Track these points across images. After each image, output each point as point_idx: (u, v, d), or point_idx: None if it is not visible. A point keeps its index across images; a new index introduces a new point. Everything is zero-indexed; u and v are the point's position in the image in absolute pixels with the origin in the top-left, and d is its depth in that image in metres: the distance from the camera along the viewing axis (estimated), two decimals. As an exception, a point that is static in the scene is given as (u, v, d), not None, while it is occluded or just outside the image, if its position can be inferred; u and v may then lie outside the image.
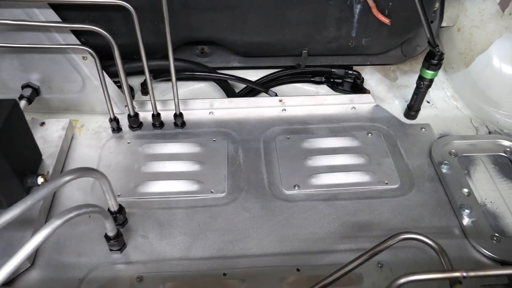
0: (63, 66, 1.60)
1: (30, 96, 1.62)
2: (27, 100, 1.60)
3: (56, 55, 1.57)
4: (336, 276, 1.12)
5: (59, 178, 1.11)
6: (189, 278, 1.27)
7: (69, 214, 1.08)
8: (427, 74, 1.59)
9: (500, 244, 1.35)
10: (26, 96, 1.61)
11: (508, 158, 1.62)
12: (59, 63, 1.59)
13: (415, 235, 1.13)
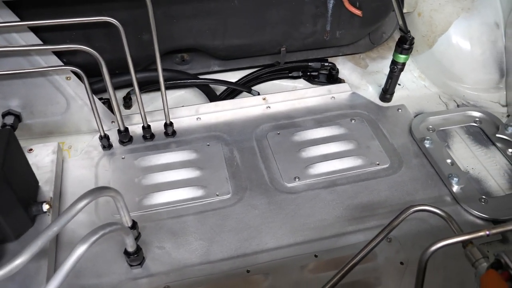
0: (46, 89, 1.57)
1: (13, 124, 1.57)
2: (11, 128, 1.55)
3: (38, 79, 1.53)
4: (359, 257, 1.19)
5: (78, 202, 1.11)
6: (214, 280, 1.30)
7: (95, 235, 1.08)
8: (400, 58, 1.71)
9: (488, 205, 1.49)
10: (9, 124, 1.56)
11: (479, 127, 1.78)
12: (41, 87, 1.56)
13: (424, 207, 1.23)
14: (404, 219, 1.24)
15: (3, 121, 1.56)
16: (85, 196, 1.13)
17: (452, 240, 0.99)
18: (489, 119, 1.79)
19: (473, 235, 1.00)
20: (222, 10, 1.54)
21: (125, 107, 1.85)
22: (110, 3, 1.41)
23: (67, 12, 1.42)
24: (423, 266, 1.02)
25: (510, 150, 1.68)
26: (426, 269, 1.03)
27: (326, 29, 1.71)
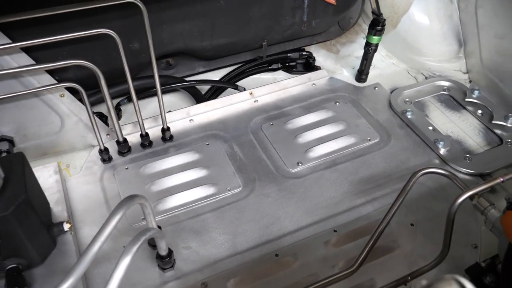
0: (39, 110, 1.53)
1: (8, 149, 1.51)
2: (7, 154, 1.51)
3: (31, 100, 1.50)
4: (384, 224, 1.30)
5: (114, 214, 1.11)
6: (247, 269, 1.35)
7: (137, 242, 1.10)
8: (373, 40, 1.84)
9: (472, 162, 1.65)
10: (5, 150, 1.51)
11: (449, 94, 1.95)
12: (34, 108, 1.52)
13: (430, 169, 1.36)
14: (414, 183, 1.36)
15: (-4, 148, 1.51)
16: (119, 207, 1.14)
17: (475, 190, 1.12)
18: (456, 86, 1.97)
19: (490, 183, 1.13)
20: (209, 11, 1.58)
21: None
22: (100, 15, 1.41)
23: (57, 28, 1.39)
24: (452, 218, 1.14)
25: (479, 111, 1.86)
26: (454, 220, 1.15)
27: (303, 20, 1.80)
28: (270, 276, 1.34)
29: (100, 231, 1.09)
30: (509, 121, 1.77)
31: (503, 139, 1.74)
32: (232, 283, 1.32)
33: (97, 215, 1.48)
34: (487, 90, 1.91)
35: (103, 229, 1.10)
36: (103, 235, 1.08)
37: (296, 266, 1.36)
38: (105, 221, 1.13)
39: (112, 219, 1.11)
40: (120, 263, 1.05)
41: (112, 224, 1.11)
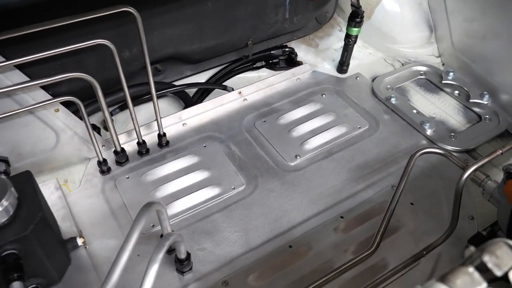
0: (34, 127, 1.50)
1: (6, 170, 1.48)
2: (5, 175, 1.47)
3: (25, 117, 1.46)
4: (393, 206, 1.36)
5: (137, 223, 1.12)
6: (264, 262, 1.39)
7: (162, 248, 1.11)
8: (353, 31, 1.91)
9: (457, 140, 1.76)
10: (2, 171, 1.47)
11: (426, 78, 2.06)
12: (29, 125, 1.49)
13: (427, 149, 1.45)
14: (414, 164, 1.43)
15: (-5, 170, 1.47)
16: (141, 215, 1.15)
17: (479, 164, 1.21)
18: (432, 70, 2.08)
19: (491, 156, 1.22)
20: (197, 14, 1.59)
21: (106, 129, 1.82)
22: (91, 26, 1.39)
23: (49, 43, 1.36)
24: (460, 192, 1.22)
25: (456, 92, 1.97)
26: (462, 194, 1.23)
27: (285, 17, 1.85)
28: (287, 267, 1.38)
29: (126, 241, 1.09)
30: (485, 99, 1.89)
31: (481, 116, 1.86)
32: (252, 278, 1.35)
33: (106, 227, 1.47)
34: (460, 71, 2.02)
35: (128, 239, 1.11)
36: (130, 244, 1.09)
37: (311, 254, 1.41)
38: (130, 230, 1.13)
39: (136, 228, 1.12)
40: (149, 271, 1.06)
41: (136, 233, 1.12)
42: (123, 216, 1.51)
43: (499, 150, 1.25)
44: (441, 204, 1.55)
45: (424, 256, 1.30)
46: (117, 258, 1.07)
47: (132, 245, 1.10)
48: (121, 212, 1.53)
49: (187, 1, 1.56)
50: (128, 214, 1.51)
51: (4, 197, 1.09)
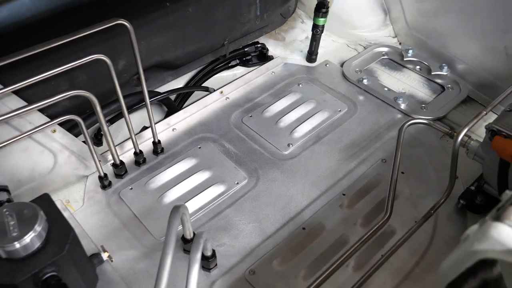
0: (32, 151, 1.47)
1: (9, 198, 1.44)
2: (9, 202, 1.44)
3: (23, 143, 1.43)
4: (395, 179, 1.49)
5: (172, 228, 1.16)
6: (283, 247, 1.47)
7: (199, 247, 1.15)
8: (320, 22, 2.02)
9: (428, 110, 1.92)
10: (5, 200, 1.43)
11: (389, 58, 2.22)
12: (27, 150, 1.46)
13: (413, 120, 1.60)
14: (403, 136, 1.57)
15: (-4, 200, 1.43)
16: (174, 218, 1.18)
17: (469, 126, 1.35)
18: (393, 50, 2.24)
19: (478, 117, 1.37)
20: (180, 20, 1.62)
21: (97, 144, 1.80)
22: (83, 42, 1.38)
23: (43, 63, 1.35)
24: (456, 153, 1.36)
25: (418, 67, 2.15)
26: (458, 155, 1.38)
27: (257, 14, 1.92)
28: (306, 248, 1.47)
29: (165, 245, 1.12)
30: (444, 70, 2.08)
31: (444, 86, 2.04)
32: (275, 264, 1.42)
33: (122, 240, 1.48)
34: (417, 48, 2.20)
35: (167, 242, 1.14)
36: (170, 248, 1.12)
37: (325, 233, 1.51)
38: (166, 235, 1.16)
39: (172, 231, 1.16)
40: (191, 271, 1.10)
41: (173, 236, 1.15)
42: (136, 227, 1.52)
43: (483, 111, 1.41)
44: (428, 170, 1.70)
45: (432, 215, 1.44)
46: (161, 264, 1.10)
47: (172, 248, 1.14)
48: (133, 223, 1.54)
49: (169, 8, 1.58)
50: (140, 224, 1.53)
51: (37, 222, 1.09)
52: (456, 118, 1.92)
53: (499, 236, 0.71)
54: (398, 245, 1.40)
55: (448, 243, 1.47)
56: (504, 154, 1.26)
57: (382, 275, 1.39)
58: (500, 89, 1.89)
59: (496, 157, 1.35)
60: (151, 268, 1.42)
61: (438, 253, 1.45)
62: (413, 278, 1.39)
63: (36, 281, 1.09)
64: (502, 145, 1.27)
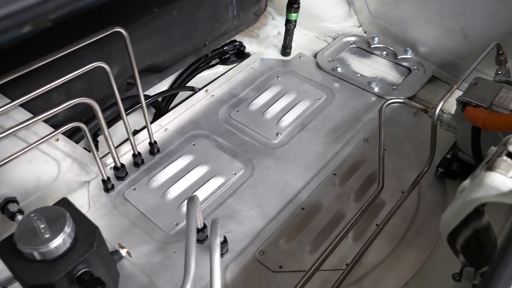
0: (37, 161, 1.52)
1: (20, 209, 1.48)
2: (20, 213, 1.47)
3: (29, 153, 1.47)
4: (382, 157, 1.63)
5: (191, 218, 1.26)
6: (287, 227, 1.58)
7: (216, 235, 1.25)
8: (292, 17, 2.14)
9: (399, 91, 2.09)
10: (16, 210, 1.47)
11: (357, 46, 2.38)
12: (33, 160, 1.50)
13: (392, 100, 1.75)
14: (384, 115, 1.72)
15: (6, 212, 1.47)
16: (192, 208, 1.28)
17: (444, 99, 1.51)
18: (360, 39, 2.40)
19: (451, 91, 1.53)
20: (166, 24, 1.69)
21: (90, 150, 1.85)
22: (80, 51, 1.43)
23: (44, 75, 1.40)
24: (435, 125, 1.52)
25: (384, 53, 2.32)
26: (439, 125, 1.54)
27: (234, 13, 2.02)
28: (308, 225, 1.59)
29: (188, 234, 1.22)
30: (409, 53, 2.25)
31: (410, 68, 2.22)
32: (282, 243, 1.54)
33: (133, 238, 1.55)
34: (382, 35, 2.37)
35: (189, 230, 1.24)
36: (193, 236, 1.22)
37: (322, 210, 1.63)
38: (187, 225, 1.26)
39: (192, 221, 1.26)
40: (213, 257, 1.19)
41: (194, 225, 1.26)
42: (145, 224, 1.60)
43: (454, 85, 1.58)
44: (406, 145, 1.86)
45: (419, 183, 1.60)
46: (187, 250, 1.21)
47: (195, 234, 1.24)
48: (142, 221, 1.61)
49: (157, 14, 1.66)
50: (148, 221, 1.60)
51: (66, 224, 1.16)
52: (424, 96, 2.10)
53: (492, 183, 0.85)
54: (391, 214, 1.55)
55: (432, 208, 1.64)
56: (476, 121, 1.43)
57: (379, 242, 1.53)
58: (460, 66, 2.09)
59: (468, 126, 1.52)
60: (167, 259, 1.50)
61: (425, 218, 1.61)
62: (406, 242, 1.54)
63: (70, 279, 1.15)
64: (474, 114, 1.44)
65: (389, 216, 1.55)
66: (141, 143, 1.84)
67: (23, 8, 1.13)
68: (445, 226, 1.03)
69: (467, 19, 1.99)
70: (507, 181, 0.84)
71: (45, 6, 1.19)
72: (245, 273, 1.47)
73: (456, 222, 0.98)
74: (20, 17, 1.15)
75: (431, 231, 1.56)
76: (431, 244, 1.53)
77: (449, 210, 1.00)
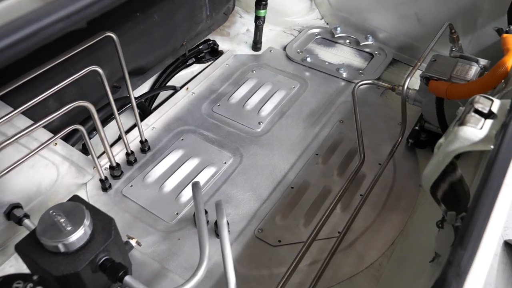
0: (38, 167, 1.57)
1: (26, 213, 1.54)
2: (26, 217, 1.53)
3: (30, 160, 1.53)
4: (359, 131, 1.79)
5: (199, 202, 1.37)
6: (280, 205, 1.71)
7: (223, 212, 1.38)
8: (261, 13, 2.28)
9: (365, 74, 2.27)
10: (22, 215, 1.53)
11: (322, 37, 2.54)
12: (35, 166, 1.56)
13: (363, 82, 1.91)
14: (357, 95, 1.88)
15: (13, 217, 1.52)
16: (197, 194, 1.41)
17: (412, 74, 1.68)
18: (324, 30, 2.57)
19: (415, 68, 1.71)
20: (149, 27, 1.78)
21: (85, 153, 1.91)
22: (75, 56, 1.50)
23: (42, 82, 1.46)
24: (405, 100, 1.69)
25: (347, 41, 2.50)
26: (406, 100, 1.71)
27: (207, 14, 2.13)
28: (299, 202, 1.73)
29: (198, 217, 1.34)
30: (370, 40, 2.44)
31: (372, 53, 2.41)
32: (278, 219, 1.67)
33: (137, 230, 1.64)
34: (343, 25, 2.55)
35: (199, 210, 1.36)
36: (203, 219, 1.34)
37: (310, 187, 1.78)
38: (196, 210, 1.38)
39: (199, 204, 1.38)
40: (223, 236, 1.31)
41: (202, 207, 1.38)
42: (147, 217, 1.69)
43: (418, 62, 1.77)
44: (377, 122, 2.04)
45: (395, 152, 1.77)
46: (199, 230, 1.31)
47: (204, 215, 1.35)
48: (143, 214, 1.70)
49: (140, 18, 1.75)
50: (150, 213, 1.69)
51: (85, 216, 1.24)
52: (388, 77, 2.29)
53: (465, 135, 1.02)
54: (373, 184, 1.71)
55: (407, 175, 1.81)
56: (439, 93, 1.61)
57: (365, 210, 1.69)
58: (417, 48, 2.30)
59: (432, 98, 1.70)
60: (173, 246, 1.60)
61: (402, 184, 1.78)
62: (389, 207, 1.71)
63: (93, 267, 1.24)
64: (437, 86, 1.62)
65: (371, 186, 1.71)
66: (131, 142, 1.92)
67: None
68: (427, 179, 1.19)
69: (419, 5, 2.19)
70: (477, 132, 1.01)
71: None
72: (247, 250, 1.59)
73: (436, 175, 1.14)
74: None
75: (409, 195, 1.74)
76: (411, 206, 1.71)
77: (429, 165, 1.16)
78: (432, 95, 1.69)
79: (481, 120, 1.04)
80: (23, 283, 1.05)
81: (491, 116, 1.03)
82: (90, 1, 1.15)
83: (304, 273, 1.52)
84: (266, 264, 1.55)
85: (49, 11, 1.02)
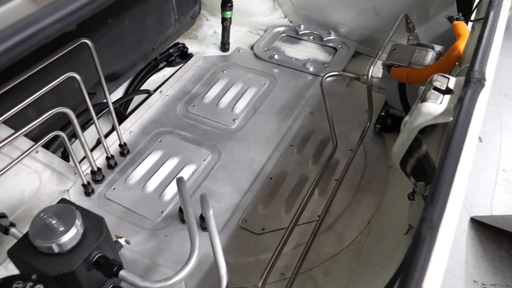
0: (20, 175, 1.59)
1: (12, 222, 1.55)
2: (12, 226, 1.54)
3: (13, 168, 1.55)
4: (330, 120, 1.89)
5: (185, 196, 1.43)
6: (261, 196, 1.79)
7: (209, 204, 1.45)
8: (227, 15, 2.36)
9: (330, 67, 2.38)
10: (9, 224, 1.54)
11: (287, 35, 2.64)
12: (18, 174, 1.58)
13: (330, 73, 2.01)
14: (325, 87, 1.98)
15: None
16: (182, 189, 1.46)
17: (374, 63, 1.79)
18: (288, 28, 2.67)
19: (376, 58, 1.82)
20: (120, 33, 1.82)
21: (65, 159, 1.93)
22: (50, 66, 1.51)
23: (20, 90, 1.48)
24: (370, 87, 1.80)
25: (311, 37, 2.61)
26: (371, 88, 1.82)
27: (175, 18, 2.18)
28: (278, 191, 1.81)
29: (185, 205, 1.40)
30: (332, 35, 2.56)
31: (335, 47, 2.53)
32: (260, 209, 1.75)
33: (124, 230, 1.67)
34: (306, 22, 2.65)
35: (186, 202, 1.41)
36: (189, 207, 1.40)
37: (289, 176, 1.86)
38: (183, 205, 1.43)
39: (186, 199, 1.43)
40: (211, 227, 1.38)
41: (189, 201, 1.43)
42: (132, 217, 1.73)
43: (379, 52, 1.88)
44: (345, 111, 2.15)
45: (365, 137, 1.88)
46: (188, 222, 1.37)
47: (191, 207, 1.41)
48: (128, 215, 1.74)
49: (112, 23, 1.79)
50: (135, 214, 1.74)
51: (77, 218, 1.28)
52: (352, 69, 2.40)
53: (427, 110, 1.12)
54: (346, 169, 1.81)
55: (377, 158, 1.93)
56: (401, 78, 1.73)
57: (340, 193, 1.79)
58: (377, 40, 2.43)
59: (395, 85, 1.82)
60: (160, 243, 1.65)
61: (373, 167, 1.89)
62: (363, 189, 1.82)
63: (88, 265, 1.28)
64: (398, 72, 1.74)
65: (345, 171, 1.82)
66: (111, 147, 1.95)
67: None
68: (396, 155, 1.29)
69: (376, -1, 2.33)
70: (438, 106, 1.12)
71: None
72: (233, 239, 1.66)
73: (404, 150, 1.25)
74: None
75: (380, 176, 1.85)
76: (383, 187, 1.82)
77: (397, 141, 1.26)
78: (394, 81, 1.81)
79: (440, 96, 1.15)
80: (23, 283, 1.09)
81: (448, 92, 1.15)
82: (64, 13, 1.18)
83: (289, 257, 1.60)
84: (252, 252, 1.62)
85: (28, 23, 1.06)
